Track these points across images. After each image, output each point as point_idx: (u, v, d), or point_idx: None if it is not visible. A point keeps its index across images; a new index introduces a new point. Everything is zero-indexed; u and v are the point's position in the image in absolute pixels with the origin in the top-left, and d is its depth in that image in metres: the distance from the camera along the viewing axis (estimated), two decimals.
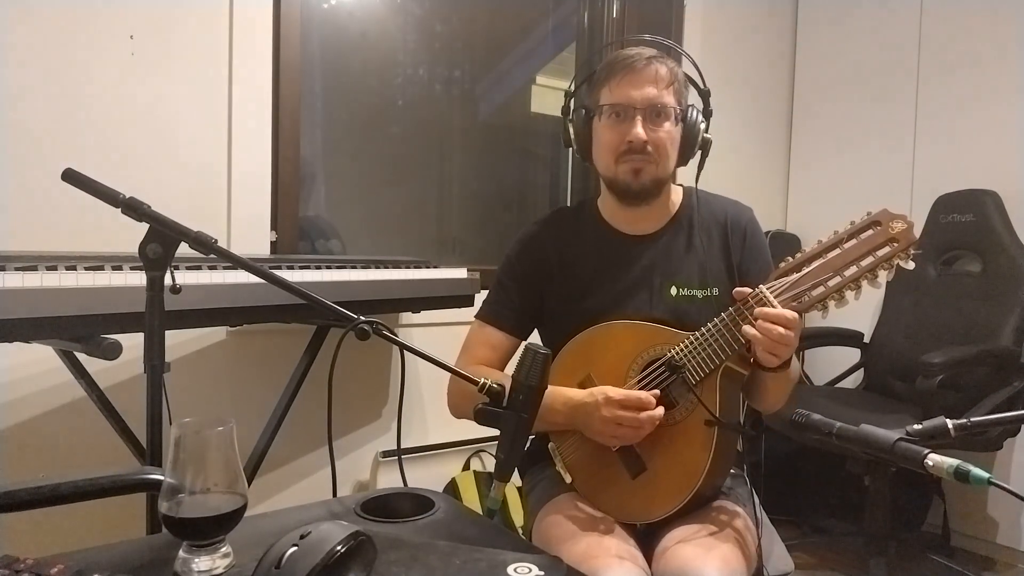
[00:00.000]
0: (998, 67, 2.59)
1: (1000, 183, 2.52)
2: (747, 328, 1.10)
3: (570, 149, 1.37)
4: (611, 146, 1.26)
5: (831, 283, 1.09)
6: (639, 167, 1.25)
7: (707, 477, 1.15)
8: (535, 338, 1.40)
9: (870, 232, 1.09)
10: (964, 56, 2.69)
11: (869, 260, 1.08)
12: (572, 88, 1.37)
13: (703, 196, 1.36)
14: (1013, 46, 2.55)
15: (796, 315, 1.09)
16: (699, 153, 1.33)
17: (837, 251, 1.10)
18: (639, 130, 1.23)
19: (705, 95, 1.33)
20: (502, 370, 1.35)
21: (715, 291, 1.28)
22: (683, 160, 1.32)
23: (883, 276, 1.09)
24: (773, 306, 1.10)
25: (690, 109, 1.29)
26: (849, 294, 1.09)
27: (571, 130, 1.35)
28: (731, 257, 1.31)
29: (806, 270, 1.11)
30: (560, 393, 1.21)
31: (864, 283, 1.09)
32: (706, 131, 1.31)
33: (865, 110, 3.00)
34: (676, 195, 1.38)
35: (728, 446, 1.23)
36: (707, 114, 1.32)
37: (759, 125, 3.22)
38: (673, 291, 1.29)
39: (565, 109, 1.37)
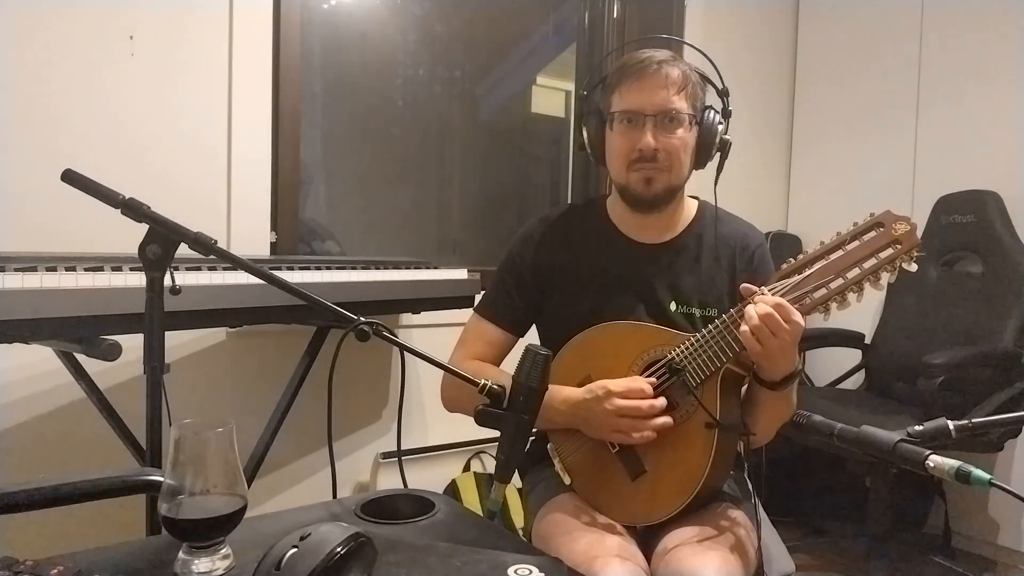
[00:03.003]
0: (999, 68, 2.59)
1: (1001, 184, 2.52)
2: (748, 308, 1.07)
3: (572, 150, 1.36)
4: (622, 154, 1.25)
5: (833, 285, 1.08)
6: (651, 176, 1.24)
7: (707, 480, 1.15)
8: (533, 336, 1.40)
9: (873, 234, 1.09)
10: (965, 57, 2.69)
11: (872, 262, 1.08)
12: (584, 92, 1.35)
13: (718, 214, 1.33)
14: (1014, 47, 2.55)
15: (788, 305, 1.06)
16: (717, 155, 1.30)
17: (840, 253, 1.09)
18: (649, 139, 1.21)
19: (723, 94, 1.30)
20: (498, 365, 1.34)
21: (715, 311, 1.27)
22: (700, 163, 1.30)
23: (885, 278, 1.08)
24: None
25: (708, 111, 1.27)
26: (851, 296, 1.08)
27: (584, 134, 1.33)
28: (735, 281, 1.27)
29: (808, 272, 1.10)
30: (560, 392, 1.21)
31: (867, 285, 1.08)
32: (725, 132, 1.29)
33: (866, 110, 3.00)
34: (690, 207, 1.35)
35: (729, 448, 1.22)
36: (726, 114, 1.30)
37: (760, 125, 3.22)
38: (673, 306, 1.28)
39: (578, 112, 1.36)
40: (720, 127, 1.28)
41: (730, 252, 1.31)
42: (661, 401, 1.15)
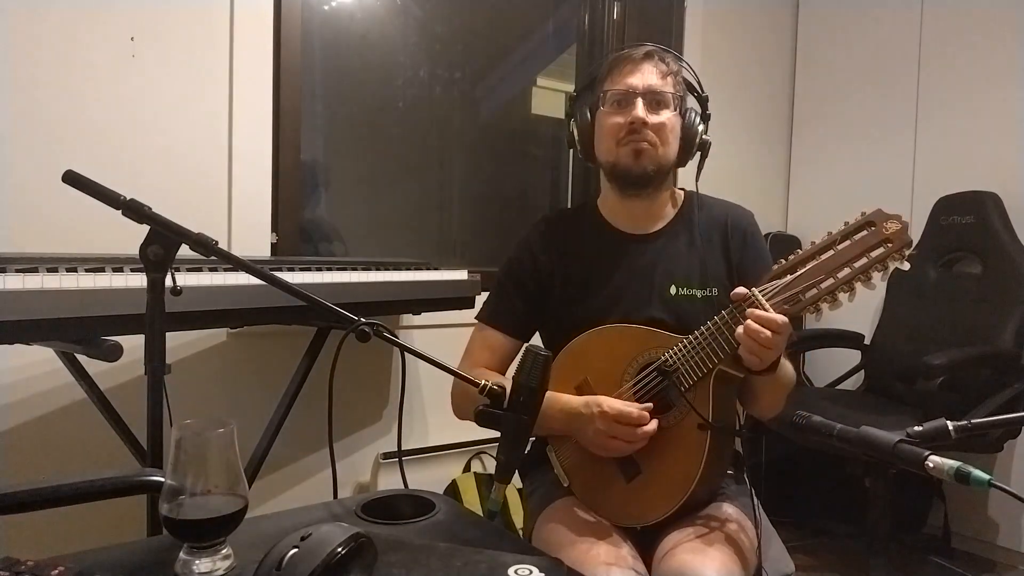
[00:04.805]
0: (999, 69, 2.59)
1: (1000, 184, 2.52)
2: (739, 329, 1.10)
3: (572, 151, 1.38)
4: (613, 130, 1.28)
5: (824, 285, 1.08)
6: (640, 148, 1.26)
7: (701, 481, 1.15)
8: (536, 339, 1.40)
9: (864, 233, 1.09)
10: (964, 58, 2.69)
11: (863, 261, 1.08)
12: (575, 91, 1.39)
13: (704, 199, 1.37)
14: (1013, 48, 2.55)
15: (786, 320, 1.08)
16: (698, 155, 1.34)
17: (830, 252, 1.09)
18: (639, 111, 1.25)
19: (703, 100, 1.35)
20: (503, 373, 1.35)
21: (714, 291, 1.29)
22: (682, 160, 1.33)
23: (877, 277, 1.08)
24: (765, 309, 1.09)
25: (688, 111, 1.31)
26: (842, 296, 1.08)
27: (574, 130, 1.36)
28: (731, 259, 1.31)
29: (799, 272, 1.10)
30: (557, 399, 1.22)
31: (858, 285, 1.08)
32: (705, 132, 1.33)
33: (866, 111, 3.00)
34: (677, 197, 1.39)
35: (723, 449, 1.22)
36: (705, 118, 1.34)
37: (760, 126, 3.22)
38: (673, 290, 1.29)
39: (568, 111, 1.38)
40: (700, 127, 1.32)
41: (721, 232, 1.34)
42: (652, 426, 1.15)
